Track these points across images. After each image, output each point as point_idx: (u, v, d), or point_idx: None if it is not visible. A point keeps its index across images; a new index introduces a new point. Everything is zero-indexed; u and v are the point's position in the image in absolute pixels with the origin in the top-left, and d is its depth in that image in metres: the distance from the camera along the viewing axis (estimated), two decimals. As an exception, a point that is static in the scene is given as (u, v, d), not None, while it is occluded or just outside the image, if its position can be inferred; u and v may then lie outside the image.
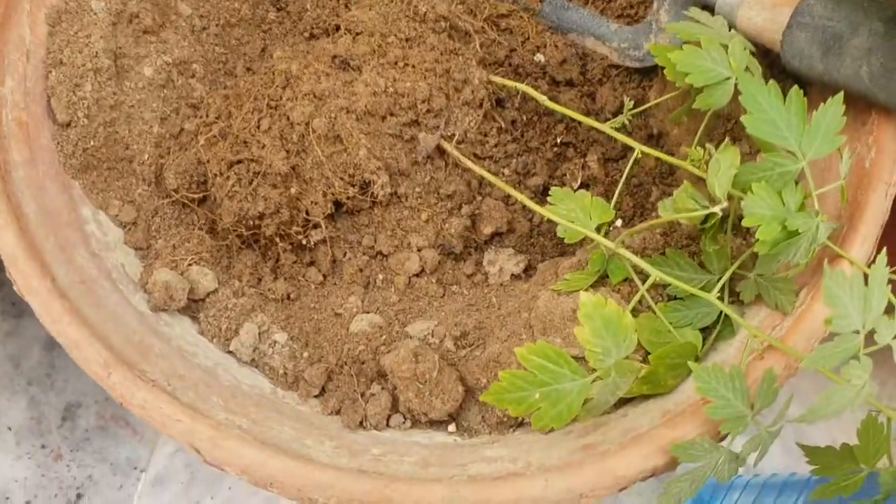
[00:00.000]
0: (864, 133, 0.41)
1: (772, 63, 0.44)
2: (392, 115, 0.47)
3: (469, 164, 0.47)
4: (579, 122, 0.49)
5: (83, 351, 0.38)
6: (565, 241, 0.43)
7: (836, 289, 0.31)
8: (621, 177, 0.45)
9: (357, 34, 0.49)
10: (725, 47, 0.40)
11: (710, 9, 0.45)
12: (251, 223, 0.45)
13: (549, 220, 0.50)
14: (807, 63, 0.41)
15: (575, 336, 0.37)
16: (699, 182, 0.40)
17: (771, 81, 0.36)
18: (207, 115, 0.48)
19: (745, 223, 0.34)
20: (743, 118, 0.36)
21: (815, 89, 0.43)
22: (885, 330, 0.31)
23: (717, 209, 0.35)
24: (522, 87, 0.47)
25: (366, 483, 0.35)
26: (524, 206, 0.50)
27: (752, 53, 0.41)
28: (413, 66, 0.47)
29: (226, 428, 0.37)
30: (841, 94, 0.36)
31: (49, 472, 0.76)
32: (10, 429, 0.77)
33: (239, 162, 0.45)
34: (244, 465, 0.36)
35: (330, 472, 0.36)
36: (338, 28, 0.51)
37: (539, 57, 0.51)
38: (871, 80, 0.38)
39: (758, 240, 0.34)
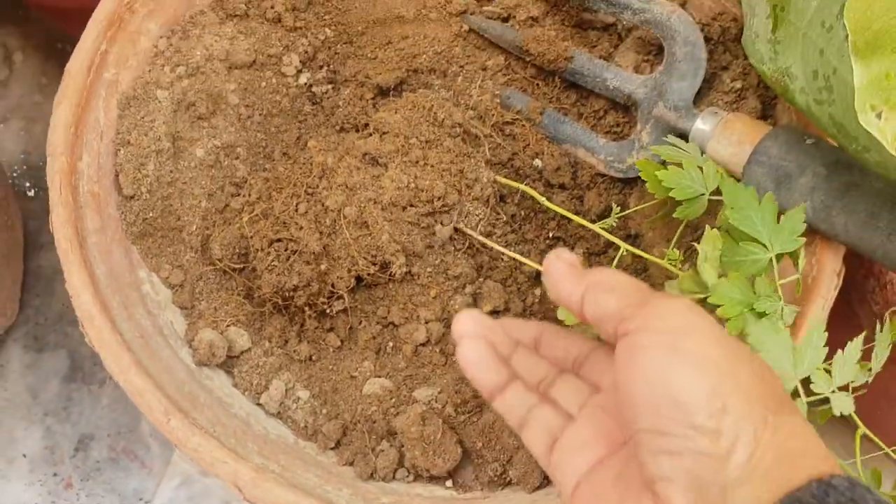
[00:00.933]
0: (809, 253, 0.50)
1: (734, 185, 0.53)
2: (412, 206, 0.54)
3: (487, 242, 0.55)
4: (569, 220, 0.57)
5: (146, 399, 0.45)
6: (565, 322, 0.50)
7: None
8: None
9: (384, 134, 0.57)
10: (701, 168, 0.49)
11: (685, 136, 0.54)
12: (286, 294, 0.52)
13: (539, 302, 0.58)
14: (762, 193, 0.49)
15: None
16: (669, 278, 0.49)
17: (749, 187, 0.45)
18: (250, 195, 0.56)
19: (718, 310, 0.43)
20: (727, 212, 0.45)
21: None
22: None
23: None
24: (523, 187, 0.56)
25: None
26: (519, 289, 0.58)
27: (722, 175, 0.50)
28: (432, 166, 0.55)
29: (263, 471, 0.44)
30: (803, 206, 0.45)
31: (59, 500, 0.81)
32: (24, 456, 0.83)
33: (279, 240, 0.53)
34: (278, 505, 0.43)
35: (352, 514, 0.43)
36: (367, 126, 0.59)
37: (537, 162, 0.59)
38: (814, 213, 0.47)
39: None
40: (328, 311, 0.55)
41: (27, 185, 0.93)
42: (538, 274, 0.58)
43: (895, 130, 0.35)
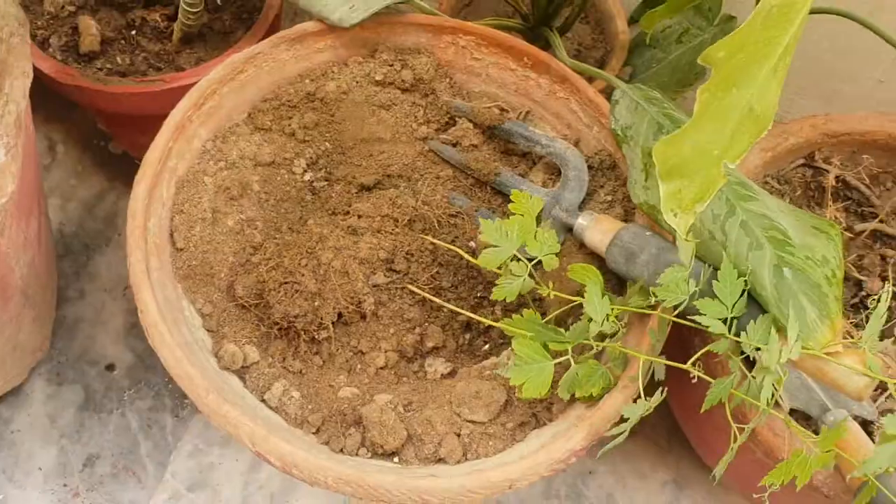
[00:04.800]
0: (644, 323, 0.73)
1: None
2: (378, 261, 0.78)
3: (429, 296, 0.77)
4: (492, 283, 0.80)
5: (193, 381, 0.65)
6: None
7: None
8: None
9: (360, 216, 0.80)
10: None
11: (572, 228, 0.78)
12: (290, 321, 0.74)
13: (468, 344, 0.80)
14: (617, 266, 0.73)
15: (473, 406, 0.66)
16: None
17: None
18: (266, 254, 0.78)
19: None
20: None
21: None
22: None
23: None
24: (454, 248, 0.78)
25: (351, 467, 0.63)
26: (454, 334, 0.80)
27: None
28: (393, 235, 0.78)
29: (272, 431, 0.64)
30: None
31: (69, 505, 0.97)
32: (40, 469, 1.00)
33: (286, 283, 0.75)
34: (281, 454, 0.63)
35: (331, 462, 0.63)
36: (348, 212, 0.82)
37: (472, 243, 0.83)
38: (649, 278, 0.71)
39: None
40: (317, 337, 0.76)
41: (60, 250, 1.14)
42: (468, 323, 0.81)
43: (685, 224, 0.59)
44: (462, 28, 0.87)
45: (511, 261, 0.71)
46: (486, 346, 0.81)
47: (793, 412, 0.76)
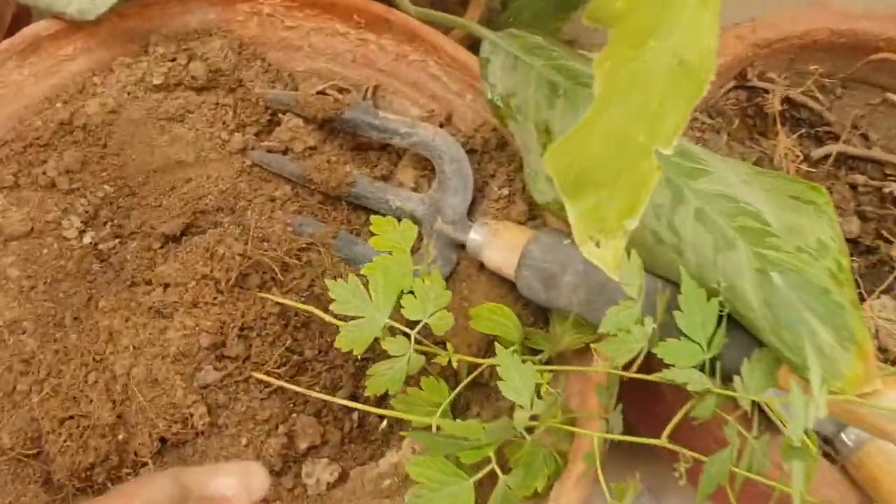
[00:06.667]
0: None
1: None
2: (202, 351, 0.54)
3: (286, 385, 0.54)
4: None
5: None
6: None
7: None
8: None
9: (166, 286, 0.57)
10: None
11: (464, 247, 0.56)
12: (84, 474, 0.50)
13: (359, 427, 0.58)
14: (534, 294, 0.52)
15: None
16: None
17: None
18: (39, 372, 0.54)
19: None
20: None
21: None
22: None
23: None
24: (311, 309, 0.55)
25: None
26: (335, 418, 0.58)
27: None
28: (217, 305, 0.55)
29: None
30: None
31: None
32: None
33: (70, 418, 0.51)
34: None
35: None
36: (150, 281, 0.58)
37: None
38: (580, 307, 0.50)
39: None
40: (137, 474, 0.53)
41: None
42: (354, 396, 0.59)
43: (616, 254, 0.37)
44: (260, -10, 0.62)
45: (385, 335, 0.48)
46: (384, 423, 0.59)
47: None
